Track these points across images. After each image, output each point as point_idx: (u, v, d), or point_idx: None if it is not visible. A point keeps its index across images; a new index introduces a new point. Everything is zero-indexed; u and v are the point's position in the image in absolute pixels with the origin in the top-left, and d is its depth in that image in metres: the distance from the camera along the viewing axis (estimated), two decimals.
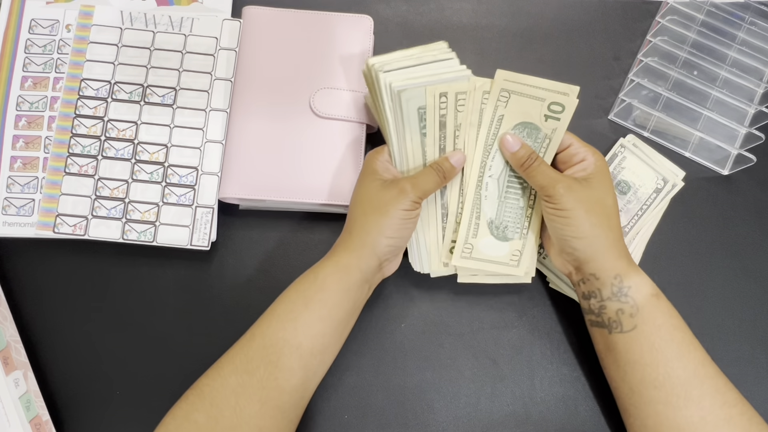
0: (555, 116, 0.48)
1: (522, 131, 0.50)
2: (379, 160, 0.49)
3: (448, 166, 0.49)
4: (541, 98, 0.48)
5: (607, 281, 0.46)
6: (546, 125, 0.49)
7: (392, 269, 0.51)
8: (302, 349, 0.44)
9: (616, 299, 0.46)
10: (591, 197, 0.46)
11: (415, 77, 0.47)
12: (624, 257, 0.47)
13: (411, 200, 0.46)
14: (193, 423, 0.42)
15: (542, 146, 0.50)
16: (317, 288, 0.46)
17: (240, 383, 0.43)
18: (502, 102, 0.49)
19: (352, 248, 0.47)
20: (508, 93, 0.49)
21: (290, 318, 0.45)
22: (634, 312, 0.45)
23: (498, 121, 0.50)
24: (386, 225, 0.46)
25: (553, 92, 0.48)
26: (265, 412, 0.43)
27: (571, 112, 0.48)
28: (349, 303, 0.47)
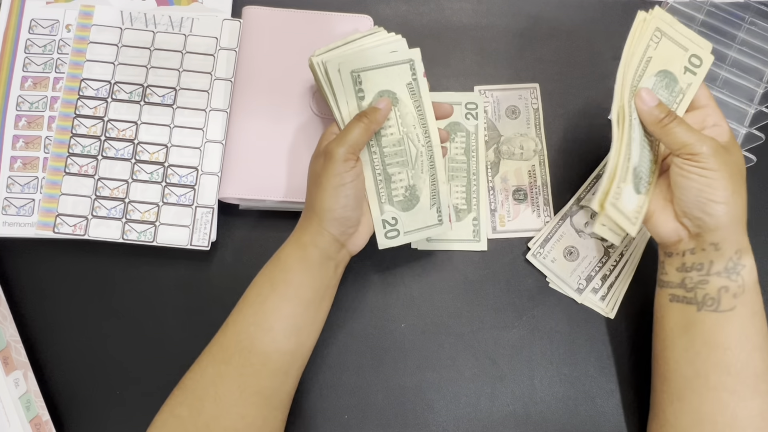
0: (693, 70, 0.46)
1: (662, 80, 0.47)
2: (326, 133, 0.48)
3: (371, 109, 0.46)
4: (685, 47, 0.46)
5: (727, 254, 0.43)
6: (684, 78, 0.46)
7: (357, 244, 0.48)
8: (274, 332, 0.44)
9: (725, 275, 0.43)
10: (735, 163, 0.44)
11: (344, 51, 0.48)
12: (745, 234, 0.44)
13: (339, 161, 0.44)
14: (177, 417, 0.43)
15: (675, 101, 0.47)
16: (280, 269, 0.46)
17: (217, 373, 0.43)
18: (653, 43, 0.46)
19: (305, 225, 0.46)
20: (660, 33, 0.45)
21: (258, 302, 0.45)
22: (739, 293, 0.43)
23: (645, 63, 0.46)
24: (324, 197, 0.44)
25: (695, 44, 0.46)
26: (245, 399, 0.43)
27: (707, 69, 0.46)
28: (314, 281, 0.46)
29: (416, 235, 0.50)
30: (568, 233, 0.57)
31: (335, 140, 0.45)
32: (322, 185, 0.45)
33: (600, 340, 0.54)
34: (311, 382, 0.52)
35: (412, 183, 0.49)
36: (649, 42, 0.46)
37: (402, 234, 0.50)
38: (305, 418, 0.52)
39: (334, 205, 0.45)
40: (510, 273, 0.56)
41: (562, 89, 0.61)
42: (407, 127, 0.49)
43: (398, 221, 0.49)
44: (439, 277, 0.56)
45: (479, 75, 0.61)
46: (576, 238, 0.56)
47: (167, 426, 0.43)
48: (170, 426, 0.43)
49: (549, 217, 0.57)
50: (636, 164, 0.46)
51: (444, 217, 0.51)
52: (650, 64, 0.46)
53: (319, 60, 0.47)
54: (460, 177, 0.57)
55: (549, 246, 0.56)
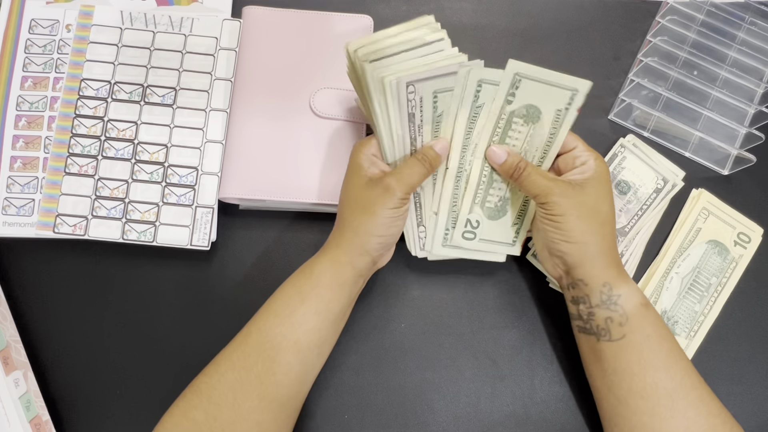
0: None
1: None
2: (364, 154, 0.48)
3: (433, 154, 0.47)
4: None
5: (596, 288, 0.46)
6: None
7: (386, 261, 0.51)
8: (299, 344, 0.44)
9: (605, 307, 0.46)
10: (585, 203, 0.46)
11: (405, 67, 0.45)
12: (614, 266, 0.46)
13: (398, 198, 0.45)
14: (191, 420, 0.42)
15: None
16: (313, 284, 0.46)
17: (237, 379, 0.43)
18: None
19: (344, 247, 0.47)
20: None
21: (287, 314, 0.45)
22: (624, 321, 0.45)
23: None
24: (375, 225, 0.46)
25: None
26: (264, 406, 0.43)
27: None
28: (344, 298, 0.47)
29: (488, 246, 0.52)
30: None
31: (396, 176, 0.46)
32: (376, 214, 0.45)
33: None
34: None
35: (508, 195, 0.50)
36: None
37: (477, 239, 0.51)
38: (305, 418, 0.52)
39: (385, 233, 0.46)
40: (510, 273, 0.56)
41: None
42: (530, 147, 0.49)
43: (480, 225, 0.50)
44: (439, 277, 0.56)
45: None
46: None
47: (179, 428, 0.42)
48: (183, 428, 0.42)
49: None
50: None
51: (518, 241, 0.52)
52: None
53: (375, 75, 0.44)
54: None
55: None
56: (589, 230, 0.45)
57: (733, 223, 0.57)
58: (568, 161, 0.49)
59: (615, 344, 0.45)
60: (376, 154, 0.48)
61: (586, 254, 0.46)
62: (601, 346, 0.46)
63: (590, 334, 0.47)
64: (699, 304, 0.55)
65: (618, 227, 0.56)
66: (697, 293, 0.55)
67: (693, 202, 0.58)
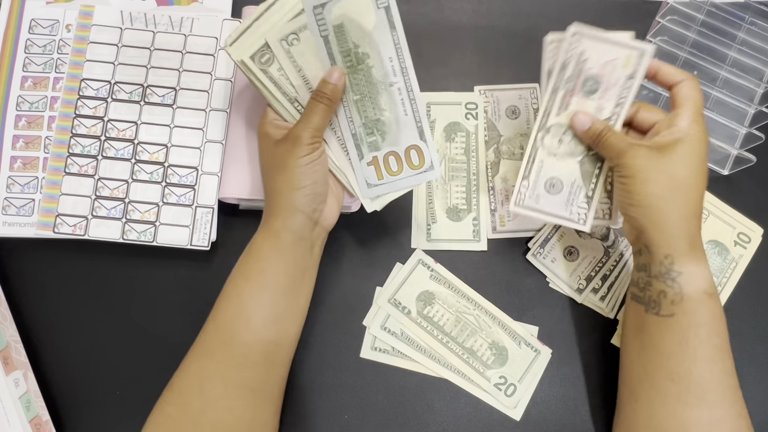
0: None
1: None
2: (265, 123, 0.47)
3: (330, 87, 0.45)
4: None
5: (657, 258, 0.44)
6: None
7: (330, 218, 0.49)
8: (253, 322, 0.44)
9: (662, 279, 0.44)
10: (659, 166, 0.43)
11: (258, 34, 0.45)
12: (685, 239, 0.43)
13: (305, 144, 0.44)
14: (166, 416, 0.43)
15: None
16: (253, 259, 0.46)
17: (201, 368, 0.44)
18: None
19: (274, 211, 0.46)
20: None
21: (235, 294, 0.45)
22: (677, 300, 0.43)
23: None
24: (291, 178, 0.45)
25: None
26: (230, 392, 0.43)
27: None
28: (289, 266, 0.46)
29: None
30: (569, 233, 0.57)
31: (300, 124, 0.45)
32: (290, 167, 0.45)
33: (600, 339, 0.54)
34: (311, 382, 0.52)
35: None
36: None
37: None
38: (305, 418, 0.52)
39: (305, 182, 0.45)
40: (510, 273, 0.56)
41: None
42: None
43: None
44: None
45: (479, 75, 0.61)
46: (576, 238, 0.56)
47: (158, 425, 0.43)
48: (160, 425, 0.43)
49: None
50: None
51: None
52: None
53: (237, 57, 0.44)
54: (460, 177, 0.57)
55: (549, 246, 0.56)
56: (658, 194, 0.43)
57: (733, 223, 0.57)
58: (665, 121, 0.46)
59: (662, 320, 0.44)
60: (276, 119, 0.48)
61: (652, 219, 0.43)
62: (647, 319, 0.45)
63: (641, 303, 0.46)
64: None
65: (618, 227, 0.56)
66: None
67: None
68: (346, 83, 0.46)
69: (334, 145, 0.48)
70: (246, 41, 0.45)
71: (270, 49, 0.45)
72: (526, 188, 0.49)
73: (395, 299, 0.54)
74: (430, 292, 0.54)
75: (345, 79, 0.46)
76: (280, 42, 0.44)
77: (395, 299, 0.54)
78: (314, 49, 0.45)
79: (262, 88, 0.46)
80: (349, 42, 0.44)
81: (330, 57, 0.44)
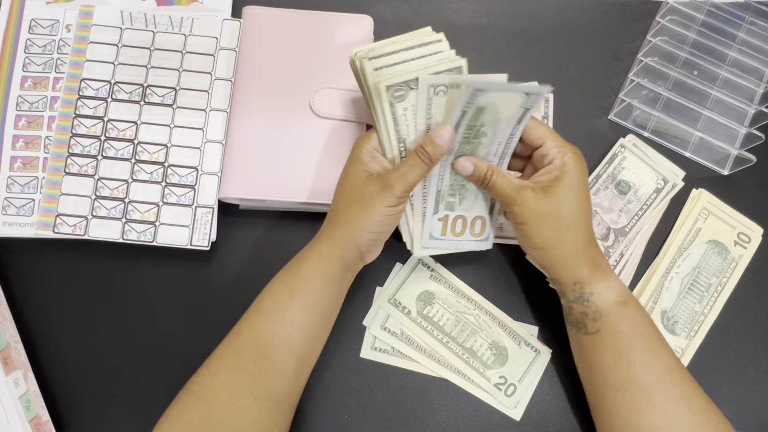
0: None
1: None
2: (365, 148, 0.47)
3: (431, 148, 0.45)
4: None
5: (568, 287, 0.47)
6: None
7: (374, 257, 0.50)
8: (291, 340, 0.44)
9: (579, 303, 0.47)
10: (546, 210, 0.45)
11: (405, 68, 0.45)
12: (586, 265, 0.46)
13: (396, 196, 0.45)
14: (186, 422, 0.42)
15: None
16: (302, 279, 0.46)
17: (230, 378, 0.43)
18: None
19: (335, 238, 0.46)
20: None
21: (276, 309, 0.45)
22: (597, 317, 0.46)
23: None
24: (369, 220, 0.45)
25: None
26: (258, 404, 0.43)
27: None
28: (333, 291, 0.47)
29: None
30: None
31: (396, 174, 0.45)
32: (372, 210, 0.45)
33: None
34: (311, 382, 0.52)
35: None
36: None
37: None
38: (305, 418, 0.52)
39: (378, 229, 0.46)
40: (510, 273, 0.56)
41: (561, 89, 0.60)
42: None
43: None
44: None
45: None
46: None
47: (174, 430, 0.43)
48: (178, 430, 0.42)
49: None
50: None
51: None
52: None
53: (374, 80, 0.44)
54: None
55: None
56: (552, 236, 0.46)
57: (733, 223, 0.57)
58: (539, 158, 0.48)
59: (591, 337, 0.46)
60: (377, 148, 0.47)
61: (553, 258, 0.47)
62: (580, 338, 0.48)
63: (572, 326, 0.48)
64: (699, 304, 0.55)
65: (618, 227, 0.56)
66: (697, 293, 0.55)
67: (693, 202, 0.58)
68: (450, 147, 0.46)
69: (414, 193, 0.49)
70: (386, 64, 0.45)
71: (409, 88, 0.44)
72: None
73: (395, 299, 0.54)
74: (430, 292, 0.54)
75: (451, 143, 0.46)
76: (428, 87, 0.44)
77: (395, 299, 0.54)
78: (450, 107, 0.45)
79: (380, 117, 0.46)
80: (479, 120, 0.45)
81: (456, 126, 0.45)
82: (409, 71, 0.45)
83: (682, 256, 0.56)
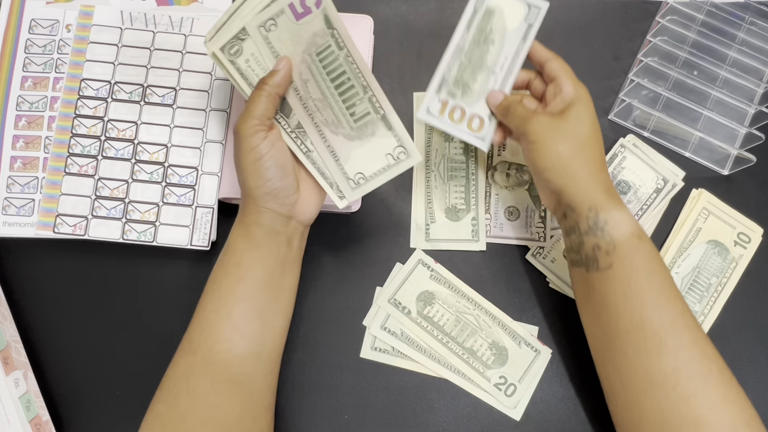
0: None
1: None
2: (240, 118, 0.45)
3: (270, 74, 0.44)
4: None
5: (582, 213, 0.45)
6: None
7: (306, 212, 0.47)
8: (233, 316, 0.44)
9: (592, 233, 0.45)
10: (562, 127, 0.46)
11: (228, 26, 0.44)
12: (602, 189, 0.45)
13: (248, 136, 0.42)
14: (156, 414, 0.43)
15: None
16: (230, 253, 0.46)
17: (186, 364, 0.44)
18: None
19: (245, 206, 0.46)
20: None
21: (214, 289, 0.45)
22: (611, 249, 0.44)
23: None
24: (245, 176, 0.44)
25: None
26: (217, 388, 0.43)
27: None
28: (265, 259, 0.45)
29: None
30: None
31: (240, 117, 0.43)
32: (240, 166, 0.44)
33: None
34: (311, 382, 0.52)
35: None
36: None
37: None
38: (305, 417, 0.52)
39: (258, 182, 0.44)
40: (510, 273, 0.56)
41: None
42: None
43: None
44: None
45: None
46: None
47: (149, 425, 0.43)
48: (151, 424, 0.43)
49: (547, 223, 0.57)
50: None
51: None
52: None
53: (211, 51, 0.43)
54: (459, 177, 0.57)
55: (549, 246, 0.56)
56: (568, 152, 0.45)
57: (733, 223, 0.57)
58: (552, 92, 0.49)
59: (602, 275, 0.44)
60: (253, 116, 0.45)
61: (568, 176, 0.45)
62: (590, 278, 0.45)
63: (581, 266, 0.46)
64: (699, 304, 0.55)
65: None
66: (697, 293, 0.55)
67: (693, 202, 0.58)
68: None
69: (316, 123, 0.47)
70: (222, 35, 0.44)
71: (239, 40, 0.44)
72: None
73: (395, 299, 0.54)
74: (430, 292, 0.54)
75: (290, 69, 0.44)
76: (258, 29, 0.43)
77: (395, 299, 0.54)
78: (292, 33, 0.44)
79: (232, 80, 0.45)
80: (489, 25, 0.50)
81: (468, 25, 0.50)
82: (231, 25, 0.44)
83: (682, 256, 0.56)
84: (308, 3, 0.43)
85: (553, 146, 0.45)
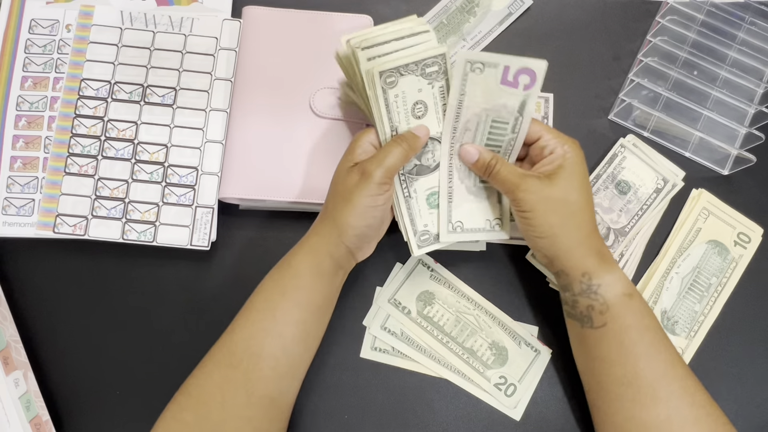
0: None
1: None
2: (362, 140, 0.47)
3: (410, 135, 0.46)
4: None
5: (576, 278, 0.46)
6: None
7: (366, 254, 0.50)
8: (284, 338, 0.44)
9: (585, 296, 0.46)
10: (552, 196, 0.45)
11: (396, 57, 0.45)
12: (593, 255, 0.46)
13: (376, 183, 0.44)
14: (181, 422, 0.43)
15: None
16: (291, 275, 0.46)
17: (224, 377, 0.43)
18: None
19: (323, 234, 0.46)
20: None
21: (268, 307, 0.45)
22: (604, 310, 0.45)
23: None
24: (351, 214, 0.45)
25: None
26: (253, 403, 0.43)
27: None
28: (324, 287, 0.46)
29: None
30: None
31: (374, 160, 0.44)
32: (353, 202, 0.44)
33: None
34: (311, 382, 0.52)
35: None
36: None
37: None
38: (305, 417, 0.52)
39: (359, 223, 0.45)
40: (510, 273, 0.56)
41: (561, 89, 0.61)
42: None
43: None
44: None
45: None
46: None
47: (171, 431, 0.43)
48: (174, 431, 0.43)
49: None
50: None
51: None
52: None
53: (368, 67, 0.44)
54: None
55: None
56: (559, 223, 0.45)
57: (733, 223, 0.57)
58: (537, 152, 0.48)
59: (597, 331, 0.46)
60: (374, 142, 0.47)
61: (560, 247, 0.46)
62: (584, 333, 0.47)
63: (575, 320, 0.48)
64: (699, 304, 0.55)
65: (618, 227, 0.56)
66: (697, 293, 0.55)
67: (693, 202, 0.58)
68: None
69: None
70: (378, 54, 0.45)
71: (399, 74, 0.45)
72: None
73: (395, 299, 0.54)
74: (430, 292, 0.54)
75: (427, 138, 0.47)
76: (465, 63, 0.44)
77: (395, 299, 0.54)
78: (490, 89, 0.45)
79: (374, 105, 0.46)
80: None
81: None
82: (400, 58, 0.45)
83: (682, 256, 0.56)
84: (520, 80, 0.45)
85: (545, 218, 0.45)
